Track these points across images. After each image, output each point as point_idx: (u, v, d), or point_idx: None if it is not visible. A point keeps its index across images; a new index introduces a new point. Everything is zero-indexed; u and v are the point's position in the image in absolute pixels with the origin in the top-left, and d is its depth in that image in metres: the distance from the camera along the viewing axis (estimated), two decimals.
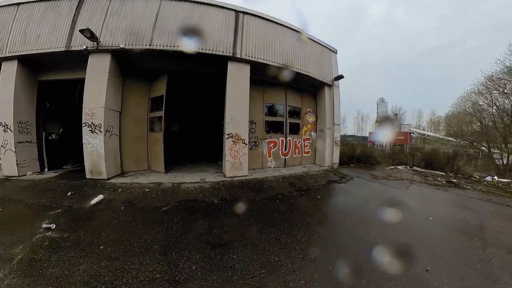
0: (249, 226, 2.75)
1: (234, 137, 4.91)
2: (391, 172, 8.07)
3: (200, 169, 5.86)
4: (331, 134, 7.43)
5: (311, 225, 2.89)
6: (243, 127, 5.06)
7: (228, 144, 4.89)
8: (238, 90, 4.97)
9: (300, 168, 6.79)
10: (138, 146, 5.81)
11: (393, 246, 2.32)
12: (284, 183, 5.02)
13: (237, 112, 4.93)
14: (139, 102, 5.82)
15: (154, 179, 4.74)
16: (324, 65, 7.29)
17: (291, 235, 2.54)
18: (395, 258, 2.10)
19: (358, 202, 4.25)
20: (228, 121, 4.92)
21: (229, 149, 4.87)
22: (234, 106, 4.94)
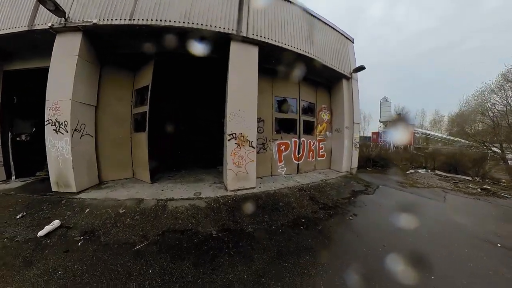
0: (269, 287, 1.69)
1: (239, 138, 3.81)
2: (415, 178, 7.24)
3: (195, 178, 4.79)
4: (350, 134, 6.37)
5: (363, 274, 1.84)
6: (250, 125, 3.91)
7: (230, 147, 3.78)
8: (244, 77, 3.87)
9: (316, 175, 5.74)
10: (121, 149, 4.72)
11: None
12: (303, 197, 3.95)
13: (242, 105, 3.80)
14: (121, 96, 4.72)
15: (136, 193, 3.66)
16: (341, 54, 6.22)
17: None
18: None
19: (405, 224, 3.21)
20: (230, 117, 3.78)
21: (231, 155, 3.78)
22: (238, 97, 3.84)
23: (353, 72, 6.42)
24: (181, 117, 7.62)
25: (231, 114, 3.80)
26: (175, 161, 6.71)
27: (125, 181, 4.59)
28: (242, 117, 3.84)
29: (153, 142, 5.12)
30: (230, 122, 3.81)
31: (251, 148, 3.84)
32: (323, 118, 6.46)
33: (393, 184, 5.89)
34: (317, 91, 6.40)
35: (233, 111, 3.80)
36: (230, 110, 3.80)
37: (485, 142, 13.28)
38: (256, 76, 3.91)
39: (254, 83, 3.94)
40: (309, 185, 4.80)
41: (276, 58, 4.72)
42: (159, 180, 4.52)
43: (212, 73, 5.21)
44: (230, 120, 3.81)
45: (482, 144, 13.23)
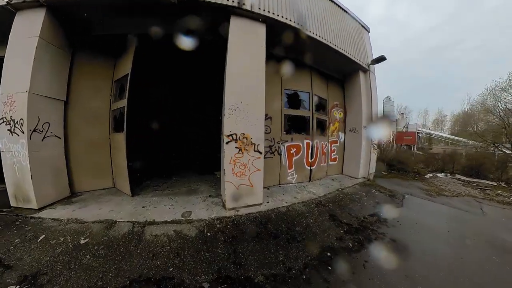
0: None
1: (240, 140, 2.93)
2: (437, 183, 6.50)
3: (187, 188, 3.96)
4: (368, 135, 5.55)
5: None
6: (256, 123, 3.00)
7: (229, 153, 2.88)
8: (248, 60, 3.02)
9: (330, 183, 4.93)
10: (98, 153, 3.90)
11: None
12: (323, 216, 3.15)
13: (245, 96, 2.91)
14: (98, 88, 3.89)
15: (109, 212, 2.85)
16: (358, 43, 5.39)
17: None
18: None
19: (452, 249, 2.48)
20: (229, 112, 2.87)
21: (231, 162, 2.90)
22: (240, 86, 2.96)
23: (371, 64, 5.59)
24: (174, 115, 6.80)
25: (230, 108, 2.84)
26: (165, 164, 5.90)
27: (103, 192, 3.79)
28: (245, 112, 2.90)
29: (137, 144, 4.30)
30: (229, 119, 2.85)
31: (257, 153, 2.97)
32: (335, 117, 5.65)
33: (418, 192, 5.16)
34: (328, 86, 5.58)
35: (233, 104, 2.86)
36: (229, 103, 2.86)
37: (495, 142, 12.57)
38: (263, 59, 3.07)
39: (261, 68, 3.06)
40: (326, 197, 3.99)
41: (287, 42, 3.88)
42: (144, 191, 3.70)
43: (210, 60, 4.38)
44: (229, 116, 2.85)
45: (492, 144, 12.52)
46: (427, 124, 35.63)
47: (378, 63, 5.59)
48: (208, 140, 7.51)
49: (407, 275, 2.00)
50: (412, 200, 4.57)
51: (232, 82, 2.95)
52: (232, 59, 2.96)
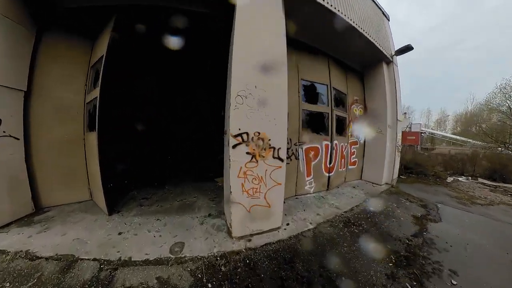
0: None
1: (254, 142, 2.05)
2: (462, 188, 5.74)
3: (181, 202, 3.17)
4: (393, 135, 4.84)
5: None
6: (277, 116, 2.15)
7: (237, 161, 2.04)
8: (262, 29, 2.18)
9: (351, 192, 4.20)
10: (70, 157, 3.11)
11: None
12: (358, 240, 2.41)
13: (260, 78, 2.05)
14: (70, 76, 3.10)
15: (74, 240, 2.07)
16: (381, 30, 4.68)
17: None
18: None
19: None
20: (237, 100, 2.00)
21: (240, 175, 2.05)
22: (250, 68, 2.09)
23: (395, 54, 4.88)
24: (167, 112, 6.02)
25: (239, 95, 1.96)
26: (159, 169, 5.13)
27: (76, 207, 3.01)
28: (260, 97, 2.04)
29: (121, 146, 3.56)
30: (238, 111, 1.96)
31: (278, 160, 2.15)
32: (355, 114, 4.92)
33: (449, 201, 4.54)
34: (347, 78, 4.85)
35: (243, 88, 1.98)
36: (237, 87, 1.96)
37: (505, 142, 12.02)
38: (283, 29, 2.26)
39: (281, 41, 2.22)
40: (353, 212, 3.26)
41: (303, 19, 3.14)
42: (126, 207, 2.91)
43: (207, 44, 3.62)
44: (237, 106, 1.96)
45: (502, 144, 11.97)
46: (430, 124, 35.21)
47: (403, 53, 4.87)
48: (206, 140, 6.74)
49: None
50: (448, 211, 3.94)
51: (242, 59, 2.03)
52: (241, 28, 2.08)
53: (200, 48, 4.07)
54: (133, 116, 4.82)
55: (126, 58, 3.89)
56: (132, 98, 5.06)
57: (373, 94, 5.01)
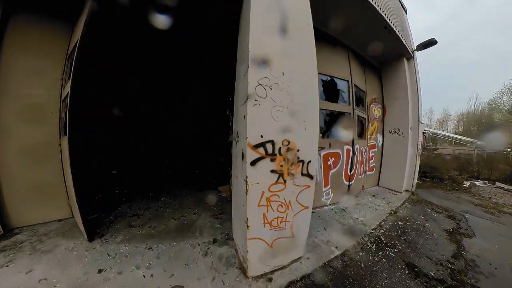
0: None
1: (281, 155, 1.47)
2: (483, 194, 5.36)
3: (178, 221, 2.61)
4: (415, 138, 4.39)
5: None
6: (307, 117, 1.58)
7: (258, 184, 1.44)
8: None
9: (373, 202, 3.73)
10: (43, 166, 2.56)
11: None
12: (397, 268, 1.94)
13: (285, 63, 1.46)
14: (44, 68, 2.55)
15: (40, 281, 1.54)
16: (402, 22, 4.21)
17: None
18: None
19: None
20: (258, 92, 1.38)
21: (261, 204, 1.47)
22: (271, 50, 1.44)
23: (417, 50, 4.41)
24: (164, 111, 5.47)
25: (260, 84, 1.38)
26: (155, 176, 4.59)
27: (54, 227, 2.46)
28: (289, 94, 1.47)
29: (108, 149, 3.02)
30: (257, 108, 1.39)
31: (307, 178, 1.60)
32: (374, 115, 4.45)
33: (475, 210, 4.10)
34: (365, 74, 4.37)
35: (265, 73, 1.40)
36: (257, 72, 1.39)
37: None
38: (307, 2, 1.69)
39: (307, 15, 1.66)
40: (383, 229, 2.79)
41: (327, 7, 2.65)
42: (111, 230, 2.33)
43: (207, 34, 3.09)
44: (257, 102, 1.38)
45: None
46: (431, 124, 35.03)
47: (425, 48, 4.40)
48: (206, 141, 6.21)
49: None
50: (478, 223, 3.57)
51: (260, 36, 1.41)
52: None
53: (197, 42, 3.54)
54: (125, 114, 4.26)
55: (112, 46, 3.32)
56: (123, 94, 4.51)
57: (392, 92, 4.53)
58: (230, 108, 2.80)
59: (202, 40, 3.37)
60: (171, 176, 4.77)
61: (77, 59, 1.79)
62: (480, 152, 10.40)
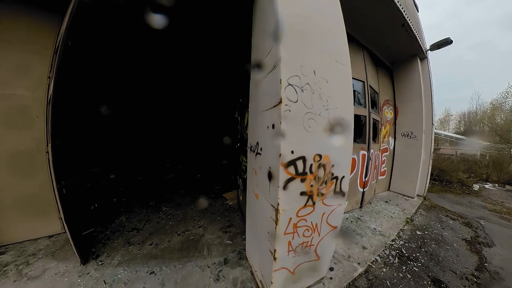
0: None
1: (312, 173, 1.22)
2: (496, 199, 5.23)
3: (182, 237, 2.33)
4: (428, 141, 4.21)
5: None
6: (342, 124, 1.34)
7: (286, 209, 1.18)
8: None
9: (387, 209, 3.55)
10: (30, 176, 2.27)
11: None
12: (422, 284, 1.77)
13: (317, 60, 1.19)
14: (29, 65, 2.25)
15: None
16: (416, 19, 3.99)
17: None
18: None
19: None
20: (289, 93, 1.11)
21: (288, 231, 1.22)
22: (302, 45, 1.17)
23: (431, 49, 4.21)
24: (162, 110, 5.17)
25: (290, 84, 1.10)
26: (156, 181, 4.31)
27: (43, 245, 2.19)
28: (323, 97, 1.21)
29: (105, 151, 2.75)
30: (288, 116, 1.10)
31: (339, 197, 1.38)
32: (387, 117, 4.25)
33: (489, 215, 3.97)
34: (378, 75, 4.15)
35: (295, 71, 1.12)
36: (287, 69, 1.09)
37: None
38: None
39: (336, 6, 1.43)
40: (402, 240, 2.62)
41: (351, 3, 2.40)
42: (108, 248, 2.06)
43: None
44: (287, 107, 1.10)
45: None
46: (434, 124, 34.82)
47: (439, 48, 4.21)
48: (210, 145, 5.94)
49: None
50: (495, 230, 3.47)
51: (290, 18, 1.15)
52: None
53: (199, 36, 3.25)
54: (123, 115, 3.97)
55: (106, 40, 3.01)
56: (121, 94, 4.20)
57: (405, 94, 4.33)
58: (240, 111, 2.54)
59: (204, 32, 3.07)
60: (172, 180, 4.50)
61: (61, 54, 1.50)
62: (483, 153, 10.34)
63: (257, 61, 1.42)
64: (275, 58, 1.12)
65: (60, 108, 1.66)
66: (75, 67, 2.25)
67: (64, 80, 1.65)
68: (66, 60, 1.62)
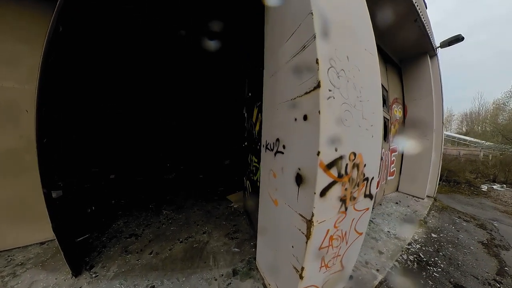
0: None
1: (347, 173, 1.02)
2: (505, 200, 5.11)
3: (186, 244, 2.12)
4: (439, 140, 4.08)
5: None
6: (374, 118, 1.18)
7: (324, 220, 0.98)
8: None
9: (398, 210, 3.40)
10: (17, 178, 2.08)
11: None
12: None
13: (348, 47, 1.02)
14: (18, 54, 2.05)
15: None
16: (425, 15, 3.88)
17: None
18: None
19: None
20: (332, 77, 0.93)
21: (323, 245, 1.03)
22: (337, 30, 0.99)
23: (441, 46, 4.09)
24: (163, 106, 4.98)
25: (333, 66, 0.91)
26: (155, 181, 4.12)
27: (33, 253, 1.99)
28: (353, 82, 1.01)
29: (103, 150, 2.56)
30: (332, 103, 0.90)
31: (368, 200, 1.23)
32: (396, 116, 4.12)
33: (500, 216, 3.88)
34: (387, 71, 4.02)
35: (333, 53, 0.94)
36: (326, 47, 0.90)
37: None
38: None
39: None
40: (417, 243, 2.51)
41: None
42: (103, 258, 1.86)
43: None
44: (331, 92, 0.90)
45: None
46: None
47: (450, 45, 4.09)
48: (212, 144, 5.75)
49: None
50: (510, 233, 3.42)
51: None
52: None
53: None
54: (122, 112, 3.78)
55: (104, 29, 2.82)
56: (120, 89, 4.01)
57: (415, 92, 4.20)
58: (248, 106, 2.35)
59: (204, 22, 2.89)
60: (173, 181, 4.30)
61: (50, 40, 1.32)
62: (486, 153, 10.29)
63: (278, 41, 1.25)
64: (306, 36, 0.95)
65: (47, 101, 1.48)
66: (67, 58, 2.06)
67: (52, 72, 1.46)
68: (56, 49, 1.44)
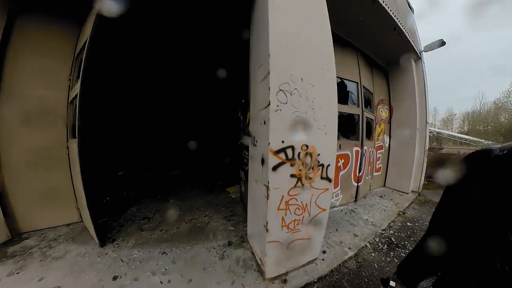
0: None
1: (300, 159, 1.48)
2: None
3: (190, 224, 2.57)
4: (423, 139, 4.39)
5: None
6: (326, 122, 1.60)
7: (278, 188, 1.45)
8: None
9: (380, 203, 3.73)
10: (50, 170, 2.49)
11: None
12: None
13: (304, 67, 1.47)
14: (50, 68, 2.48)
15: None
16: (409, 21, 4.18)
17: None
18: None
19: None
20: (279, 97, 1.38)
21: (281, 207, 1.47)
22: (292, 51, 1.44)
23: (425, 50, 4.40)
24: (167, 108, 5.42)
25: (281, 90, 1.38)
26: (161, 177, 4.55)
27: (63, 232, 2.43)
28: (309, 99, 1.48)
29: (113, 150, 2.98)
30: (279, 114, 1.38)
31: (326, 182, 1.63)
32: (381, 116, 4.44)
33: None
34: (373, 75, 4.35)
35: (285, 79, 1.39)
36: (278, 77, 1.37)
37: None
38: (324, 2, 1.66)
39: (324, 15, 1.64)
40: (392, 230, 2.80)
41: (340, 7, 2.62)
42: (123, 234, 2.30)
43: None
44: (278, 107, 1.37)
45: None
46: (436, 123, 34.82)
47: (432, 49, 4.40)
48: (213, 143, 6.17)
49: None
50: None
51: (280, 37, 1.39)
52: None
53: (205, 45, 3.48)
54: (131, 115, 4.21)
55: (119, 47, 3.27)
56: (129, 94, 4.45)
57: (400, 93, 4.52)
58: (243, 110, 2.77)
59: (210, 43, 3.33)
60: (178, 177, 4.73)
61: (86, 59, 1.75)
62: None
63: (254, 70, 1.66)
64: (266, 70, 1.40)
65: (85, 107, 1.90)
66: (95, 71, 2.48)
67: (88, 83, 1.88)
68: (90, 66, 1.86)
